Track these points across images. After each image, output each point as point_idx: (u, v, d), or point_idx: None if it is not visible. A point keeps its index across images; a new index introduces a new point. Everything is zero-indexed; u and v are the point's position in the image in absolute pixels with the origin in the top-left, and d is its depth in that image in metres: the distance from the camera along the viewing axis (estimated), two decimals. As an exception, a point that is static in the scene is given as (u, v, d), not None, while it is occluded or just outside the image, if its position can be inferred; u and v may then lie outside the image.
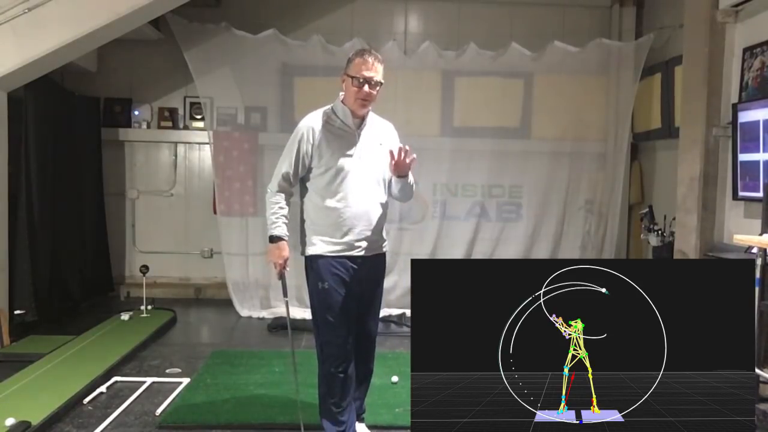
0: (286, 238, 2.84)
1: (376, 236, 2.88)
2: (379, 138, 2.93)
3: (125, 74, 6.38)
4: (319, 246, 2.82)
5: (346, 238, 2.81)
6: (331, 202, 2.80)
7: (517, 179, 6.07)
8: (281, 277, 2.88)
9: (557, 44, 5.85)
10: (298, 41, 5.80)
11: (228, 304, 5.82)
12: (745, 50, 4.51)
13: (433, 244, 5.99)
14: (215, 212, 5.93)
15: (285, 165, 2.83)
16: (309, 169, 2.84)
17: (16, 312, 4.81)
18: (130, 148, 6.48)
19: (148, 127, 6.41)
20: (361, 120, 2.87)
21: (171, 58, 6.01)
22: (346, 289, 2.83)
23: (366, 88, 2.75)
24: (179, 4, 5.08)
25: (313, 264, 2.85)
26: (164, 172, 6.55)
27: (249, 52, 5.73)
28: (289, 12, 6.25)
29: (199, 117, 6.32)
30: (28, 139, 4.90)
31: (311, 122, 2.83)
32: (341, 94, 2.87)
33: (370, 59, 2.77)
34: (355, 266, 2.84)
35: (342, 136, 2.83)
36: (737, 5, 4.50)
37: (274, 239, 2.80)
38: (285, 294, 2.99)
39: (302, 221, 2.91)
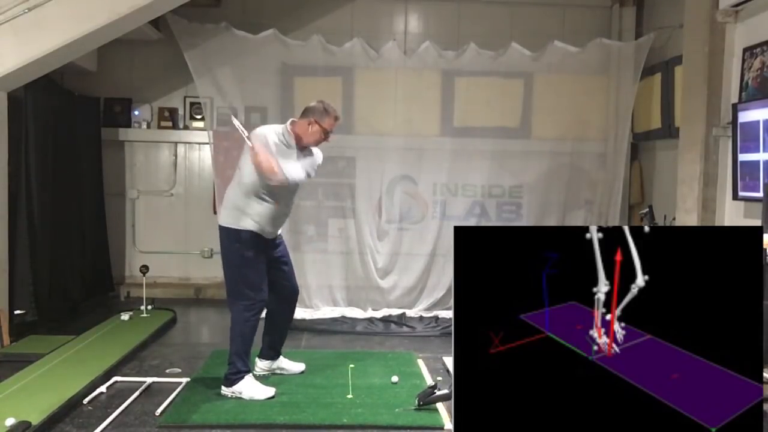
0: None
1: None
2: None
3: (125, 74, 6.38)
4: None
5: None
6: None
7: (517, 179, 6.06)
8: None
9: (557, 44, 5.83)
10: (298, 41, 5.79)
11: (228, 304, 5.81)
12: (745, 50, 4.51)
13: (433, 244, 5.97)
14: (215, 212, 5.92)
15: None
16: None
17: (16, 312, 4.80)
18: (130, 148, 6.48)
19: (148, 127, 6.41)
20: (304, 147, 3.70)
21: (171, 58, 6.01)
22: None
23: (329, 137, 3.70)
24: (179, 4, 5.07)
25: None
26: (164, 172, 6.55)
27: (249, 52, 5.72)
28: (289, 12, 6.25)
29: (199, 117, 6.32)
30: (28, 139, 4.89)
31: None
32: (292, 120, 3.68)
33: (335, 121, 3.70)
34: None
35: (286, 153, 3.58)
36: (737, 5, 4.50)
37: None
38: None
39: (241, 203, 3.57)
